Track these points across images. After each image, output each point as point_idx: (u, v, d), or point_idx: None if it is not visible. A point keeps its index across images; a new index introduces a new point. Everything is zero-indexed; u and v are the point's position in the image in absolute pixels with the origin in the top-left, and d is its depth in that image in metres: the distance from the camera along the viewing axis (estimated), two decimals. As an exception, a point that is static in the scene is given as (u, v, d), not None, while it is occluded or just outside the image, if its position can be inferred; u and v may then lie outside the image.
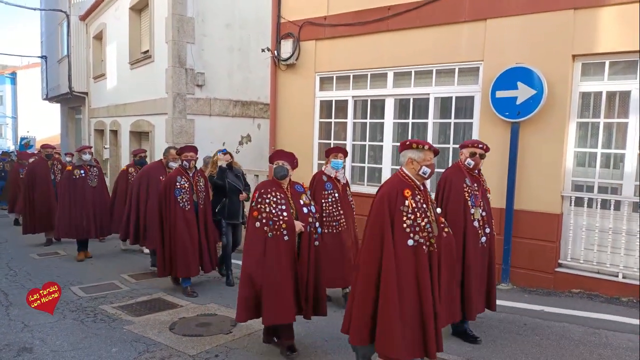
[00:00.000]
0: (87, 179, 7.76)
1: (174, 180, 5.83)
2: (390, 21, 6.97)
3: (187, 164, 5.90)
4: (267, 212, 3.94)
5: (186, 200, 5.81)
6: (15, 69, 36.32)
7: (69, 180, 7.70)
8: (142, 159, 8.34)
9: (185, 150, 5.94)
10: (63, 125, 20.83)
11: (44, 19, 20.20)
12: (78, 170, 7.71)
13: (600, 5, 5.45)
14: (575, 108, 5.78)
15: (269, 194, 4.02)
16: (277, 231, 3.92)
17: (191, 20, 10.41)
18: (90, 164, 7.88)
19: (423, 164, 3.40)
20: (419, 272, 3.27)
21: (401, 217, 3.29)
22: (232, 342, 4.42)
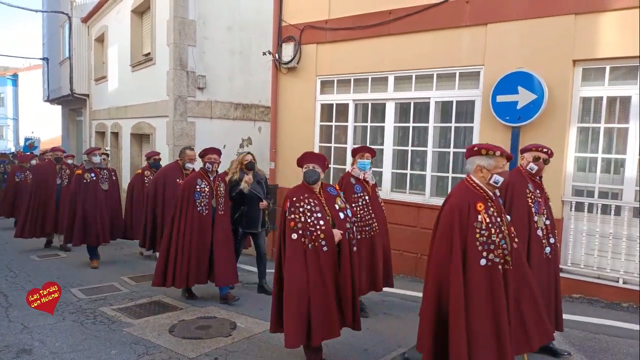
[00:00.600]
0: (99, 182, 7.51)
1: (194, 182, 5.54)
2: (391, 25, 6.99)
3: (210, 167, 5.56)
4: (303, 222, 3.68)
5: (204, 204, 5.50)
6: (17, 70, 36.41)
7: (80, 185, 7.38)
8: (157, 161, 8.12)
9: (209, 152, 5.59)
10: (64, 127, 20.86)
11: (46, 21, 20.26)
12: (89, 174, 7.43)
13: (601, 11, 5.46)
14: (576, 113, 5.79)
15: (301, 202, 3.74)
16: (315, 242, 3.66)
17: (193, 23, 10.44)
18: (100, 167, 7.63)
19: (494, 172, 3.11)
20: (494, 297, 2.97)
21: (474, 234, 3.01)
22: (232, 345, 4.42)
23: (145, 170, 8.04)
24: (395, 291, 5.94)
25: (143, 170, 8.10)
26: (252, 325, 4.91)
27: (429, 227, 6.33)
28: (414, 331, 4.71)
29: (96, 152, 7.61)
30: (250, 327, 4.88)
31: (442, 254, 3.08)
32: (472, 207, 3.05)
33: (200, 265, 5.52)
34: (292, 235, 3.68)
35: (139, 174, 8.09)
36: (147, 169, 8.03)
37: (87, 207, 7.32)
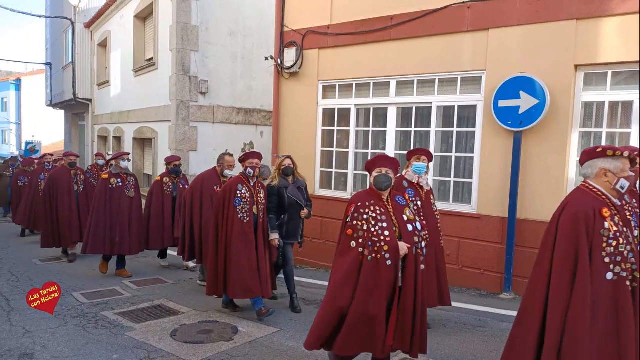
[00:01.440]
0: (124, 189, 7.03)
1: (234, 187, 5.18)
2: (393, 31, 7.01)
3: (252, 172, 5.22)
4: (365, 231, 3.37)
5: (246, 211, 5.13)
6: (20, 75, 36.54)
7: (105, 190, 6.91)
8: (177, 167, 7.62)
9: (250, 157, 5.28)
10: (67, 132, 20.95)
11: (49, 26, 20.38)
12: (115, 179, 6.97)
13: (603, 16, 5.48)
14: (578, 118, 5.79)
15: (367, 209, 3.44)
16: (377, 254, 3.32)
17: (195, 28, 10.49)
18: (127, 172, 7.17)
19: (621, 176, 2.76)
20: (620, 317, 2.62)
21: (600, 244, 2.66)
22: (234, 349, 4.41)
23: (165, 177, 7.58)
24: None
25: (162, 176, 7.63)
26: (253, 330, 4.91)
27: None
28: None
29: (125, 157, 7.17)
30: (251, 331, 4.87)
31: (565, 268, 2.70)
32: (597, 213, 2.71)
33: (251, 276, 5.07)
34: (350, 243, 3.39)
35: (158, 181, 7.61)
36: (167, 175, 7.59)
37: (108, 215, 6.90)
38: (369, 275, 3.32)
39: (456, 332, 4.88)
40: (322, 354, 4.29)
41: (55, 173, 8.34)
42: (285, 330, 4.90)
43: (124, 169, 7.09)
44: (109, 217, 6.88)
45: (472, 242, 6.39)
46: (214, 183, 6.31)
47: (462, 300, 5.95)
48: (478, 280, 6.31)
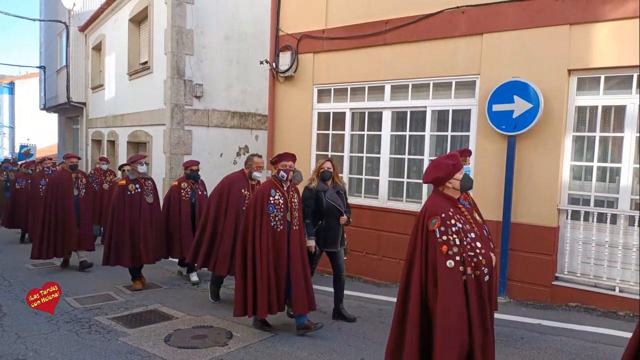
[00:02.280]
0: (143, 194, 6.62)
1: (267, 193, 4.78)
2: (387, 35, 7.03)
3: (285, 175, 4.83)
4: (459, 245, 3.01)
5: (279, 219, 4.74)
6: (13, 78, 36.36)
7: (124, 197, 6.51)
8: (194, 172, 7.14)
9: (283, 159, 4.87)
10: (60, 136, 20.84)
11: (43, 30, 20.31)
12: (133, 185, 6.55)
13: (596, 21, 5.52)
14: (571, 122, 5.82)
15: (452, 219, 3.08)
16: (477, 270, 3.01)
17: (190, 32, 10.48)
18: (145, 177, 6.75)
19: None
20: None
21: None
22: (228, 354, 4.39)
23: (182, 181, 7.13)
24: (388, 299, 5.94)
25: (179, 181, 7.18)
26: (247, 335, 4.89)
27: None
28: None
29: (142, 161, 6.70)
30: (246, 336, 4.85)
31: None
32: None
33: (280, 291, 4.80)
34: (447, 262, 2.99)
35: (175, 187, 7.16)
36: (184, 180, 7.14)
37: (132, 223, 6.50)
38: (474, 298, 2.99)
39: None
40: (316, 359, 4.27)
41: (55, 176, 7.88)
42: (279, 335, 4.89)
43: (141, 174, 6.66)
44: (129, 226, 6.48)
45: (466, 246, 6.39)
46: (241, 186, 5.87)
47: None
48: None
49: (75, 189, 7.67)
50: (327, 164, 5.32)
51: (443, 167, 3.26)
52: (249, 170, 5.90)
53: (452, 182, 3.24)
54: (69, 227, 7.50)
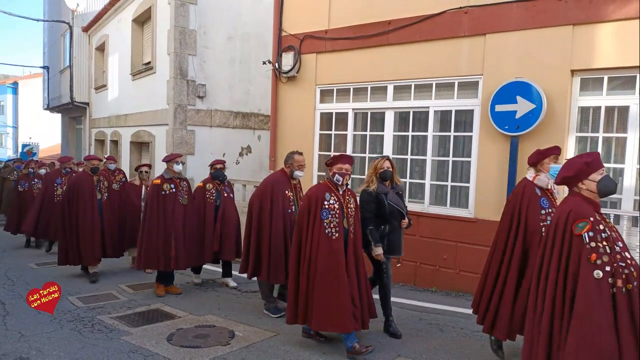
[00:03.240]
0: (178, 196, 6.25)
1: (321, 197, 4.35)
2: (390, 35, 7.04)
3: (341, 179, 4.38)
4: (609, 255, 2.69)
5: (335, 225, 4.29)
6: (17, 79, 36.53)
7: (158, 198, 6.13)
8: (220, 171, 6.76)
9: (340, 161, 4.42)
10: (64, 136, 20.89)
11: (47, 30, 20.37)
12: (168, 185, 6.20)
13: (599, 22, 5.51)
14: (574, 122, 5.82)
15: (600, 224, 2.76)
16: (628, 284, 2.67)
17: (193, 32, 10.51)
18: (180, 177, 6.38)
19: None
20: None
21: None
22: (230, 354, 4.40)
23: (207, 182, 6.76)
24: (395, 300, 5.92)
25: (204, 182, 6.79)
26: (250, 334, 4.89)
27: (427, 235, 6.31)
28: (411, 340, 4.71)
29: (178, 159, 6.30)
30: (248, 336, 4.85)
31: None
32: None
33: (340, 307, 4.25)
34: (594, 272, 2.65)
35: (200, 188, 6.77)
36: (209, 181, 6.76)
37: (166, 226, 6.13)
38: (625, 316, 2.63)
39: (453, 337, 4.88)
40: (318, 359, 4.27)
41: (77, 179, 7.27)
42: (282, 334, 4.89)
43: (177, 173, 6.30)
44: (163, 229, 6.10)
45: (469, 247, 6.39)
46: (284, 187, 5.44)
47: (460, 304, 5.95)
48: (475, 284, 6.29)
49: (98, 192, 7.18)
50: (387, 163, 4.82)
51: (574, 165, 2.95)
52: (290, 170, 5.48)
53: (587, 183, 2.91)
54: (92, 233, 6.98)
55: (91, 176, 7.18)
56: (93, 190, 7.10)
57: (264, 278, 5.38)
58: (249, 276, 5.54)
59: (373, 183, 4.79)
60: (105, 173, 8.49)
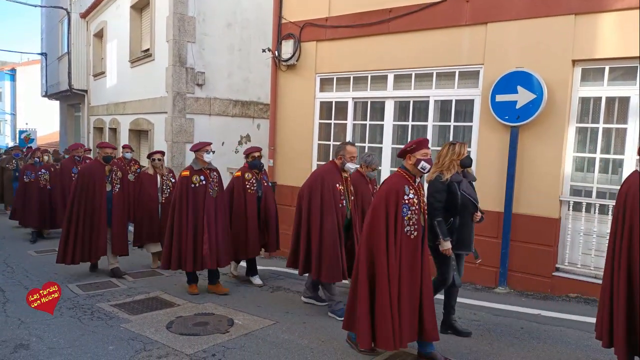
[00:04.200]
0: (209, 188, 5.77)
1: (402, 190, 3.79)
2: (391, 24, 6.98)
3: (427, 167, 3.84)
4: None
5: (414, 222, 3.81)
6: (15, 65, 36.29)
7: (187, 191, 5.67)
8: (256, 159, 6.29)
9: (425, 146, 3.86)
10: (62, 123, 20.84)
11: (45, 16, 20.20)
12: (197, 177, 5.71)
13: (601, 11, 5.47)
14: (575, 113, 5.80)
15: None
16: None
17: (192, 19, 10.42)
18: (210, 167, 5.88)
19: None
20: None
21: None
22: (229, 341, 4.42)
23: (246, 171, 6.24)
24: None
25: (243, 171, 6.26)
26: (249, 322, 4.92)
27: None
28: (411, 329, 4.72)
29: (208, 148, 5.80)
30: (247, 323, 4.88)
31: None
32: None
33: (413, 317, 3.84)
34: None
35: (238, 177, 6.25)
36: (247, 170, 6.26)
37: (196, 222, 5.69)
38: None
39: (451, 326, 4.90)
40: (317, 347, 4.30)
41: (87, 168, 6.76)
42: (281, 322, 4.92)
43: (207, 164, 5.81)
44: (194, 226, 5.66)
45: (467, 236, 6.40)
46: (335, 180, 5.09)
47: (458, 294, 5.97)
48: (473, 274, 6.33)
49: (109, 183, 6.60)
50: (463, 149, 4.36)
51: None
52: (342, 161, 5.12)
53: None
54: (98, 228, 6.50)
55: (103, 165, 6.61)
56: (103, 180, 6.55)
57: (314, 276, 5.08)
58: (300, 272, 5.28)
59: (449, 171, 4.27)
60: (121, 163, 7.97)
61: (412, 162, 3.86)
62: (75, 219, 6.47)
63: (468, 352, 4.23)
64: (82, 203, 6.49)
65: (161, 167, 7.34)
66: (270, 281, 6.56)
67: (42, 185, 9.46)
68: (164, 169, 7.40)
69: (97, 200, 6.50)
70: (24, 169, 9.80)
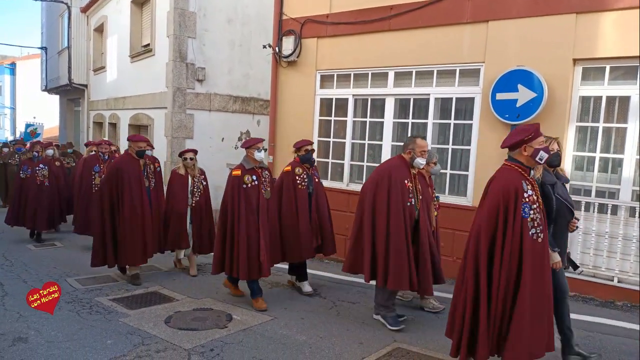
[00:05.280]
0: (261, 189, 5.21)
1: (520, 187, 3.30)
2: (392, 21, 6.97)
3: (546, 156, 3.37)
4: None
5: (538, 223, 3.31)
6: (15, 59, 36.20)
7: (239, 191, 5.08)
8: (309, 153, 5.75)
9: (539, 132, 3.42)
10: (62, 118, 20.80)
11: (45, 10, 20.13)
12: (249, 176, 5.14)
13: (602, 10, 5.46)
14: (575, 112, 5.80)
15: None
16: None
17: (193, 14, 10.40)
18: (262, 166, 5.35)
19: None
20: None
21: None
22: (227, 336, 4.43)
23: (296, 166, 5.68)
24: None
25: (293, 166, 5.70)
26: (247, 318, 4.92)
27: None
28: (408, 325, 4.74)
29: (259, 145, 5.24)
30: (246, 319, 4.89)
31: None
32: None
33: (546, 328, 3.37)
34: None
35: (288, 172, 5.69)
36: (298, 164, 5.70)
37: (249, 226, 5.07)
38: None
39: (449, 323, 4.91)
40: (315, 343, 4.31)
41: (120, 163, 6.07)
42: (279, 318, 4.92)
43: (258, 162, 5.27)
44: (245, 229, 5.04)
45: (467, 234, 6.37)
46: (403, 176, 4.60)
47: (456, 291, 5.98)
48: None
49: (146, 179, 6.11)
50: (556, 145, 3.86)
51: None
52: (411, 156, 4.65)
53: None
54: (141, 229, 5.95)
55: (137, 160, 6.06)
56: (140, 176, 6.00)
57: (380, 283, 4.57)
58: (367, 279, 4.64)
59: (537, 169, 3.60)
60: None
61: (528, 154, 3.37)
62: (110, 220, 5.92)
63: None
64: (118, 202, 5.89)
65: (193, 167, 6.60)
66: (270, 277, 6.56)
67: (39, 182, 8.53)
68: (196, 170, 6.64)
69: (137, 197, 5.92)
70: (22, 164, 9.01)
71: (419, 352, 4.17)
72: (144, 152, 6.16)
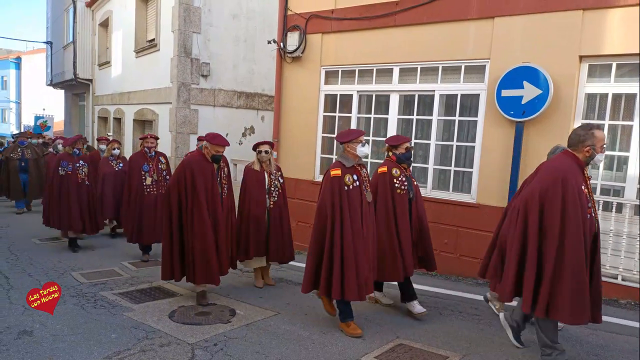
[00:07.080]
0: (363, 191, 4.42)
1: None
2: (397, 16, 6.95)
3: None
4: None
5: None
6: (20, 54, 36.35)
7: (340, 194, 4.29)
8: (409, 151, 4.97)
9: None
10: (67, 112, 20.87)
11: (50, 5, 20.19)
12: (351, 176, 4.38)
13: (609, 7, 5.43)
14: (581, 109, 5.77)
15: None
16: None
17: (198, 10, 10.40)
18: (360, 163, 4.54)
19: None
20: None
21: None
22: (231, 331, 4.45)
23: (393, 167, 4.89)
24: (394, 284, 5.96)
25: (389, 166, 4.89)
26: (251, 313, 4.94)
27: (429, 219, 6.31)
28: (410, 322, 4.75)
29: (362, 139, 4.43)
30: (249, 314, 4.91)
31: None
32: None
33: None
34: None
35: (384, 175, 4.85)
36: (394, 165, 4.92)
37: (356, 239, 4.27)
38: None
39: (452, 320, 4.92)
40: (318, 338, 4.32)
41: (194, 163, 5.06)
42: (282, 314, 4.94)
43: (358, 158, 4.47)
44: (350, 240, 4.24)
45: (470, 232, 6.41)
46: (580, 180, 3.58)
47: (459, 288, 5.99)
48: (475, 269, 6.29)
49: (219, 185, 5.31)
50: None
51: None
52: (590, 154, 3.60)
53: None
54: (215, 246, 5.03)
55: (211, 164, 5.16)
56: (215, 182, 5.15)
57: (551, 316, 3.55)
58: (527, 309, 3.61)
59: None
60: None
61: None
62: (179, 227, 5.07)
63: (468, 346, 4.23)
64: (189, 212, 4.98)
65: (269, 162, 5.74)
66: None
67: (80, 180, 7.47)
68: (272, 165, 5.77)
69: (211, 210, 5.02)
70: (59, 158, 7.57)
71: (422, 348, 4.17)
72: (220, 158, 5.24)
